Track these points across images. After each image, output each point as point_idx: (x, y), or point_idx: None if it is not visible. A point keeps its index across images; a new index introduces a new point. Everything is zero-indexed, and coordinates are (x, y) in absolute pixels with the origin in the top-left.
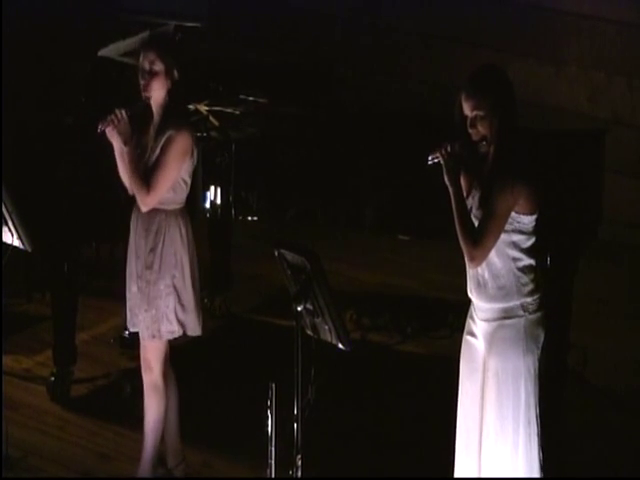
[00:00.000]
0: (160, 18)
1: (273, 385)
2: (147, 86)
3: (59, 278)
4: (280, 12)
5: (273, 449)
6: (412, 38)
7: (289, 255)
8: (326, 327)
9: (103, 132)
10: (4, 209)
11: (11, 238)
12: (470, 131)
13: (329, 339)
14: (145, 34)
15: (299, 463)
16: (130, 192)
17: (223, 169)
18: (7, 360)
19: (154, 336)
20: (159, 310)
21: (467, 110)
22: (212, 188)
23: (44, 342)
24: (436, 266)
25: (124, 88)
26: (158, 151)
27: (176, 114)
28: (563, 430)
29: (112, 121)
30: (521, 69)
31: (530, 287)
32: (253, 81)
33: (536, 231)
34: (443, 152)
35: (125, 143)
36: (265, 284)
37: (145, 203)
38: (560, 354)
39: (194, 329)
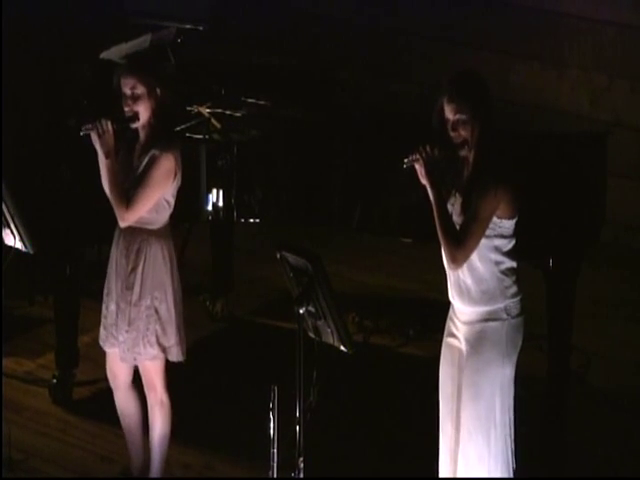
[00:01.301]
0: (162, 20)
1: (275, 387)
2: (134, 114)
3: (61, 281)
4: (282, 14)
5: (275, 451)
6: (414, 40)
7: (291, 257)
8: (328, 329)
9: (87, 135)
10: (6, 211)
11: (13, 240)
12: (452, 134)
13: (331, 341)
14: (147, 36)
15: (301, 465)
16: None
17: (225, 171)
18: (9, 362)
19: (135, 359)
20: (139, 332)
21: (449, 113)
22: (214, 190)
23: (46, 345)
24: (438, 268)
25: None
26: (141, 170)
27: (162, 134)
28: (565, 432)
29: (96, 129)
30: (523, 72)
31: (513, 289)
32: (255, 83)
33: (516, 234)
34: (423, 154)
35: (107, 155)
36: (267, 286)
37: (123, 219)
38: (562, 356)
39: (177, 355)
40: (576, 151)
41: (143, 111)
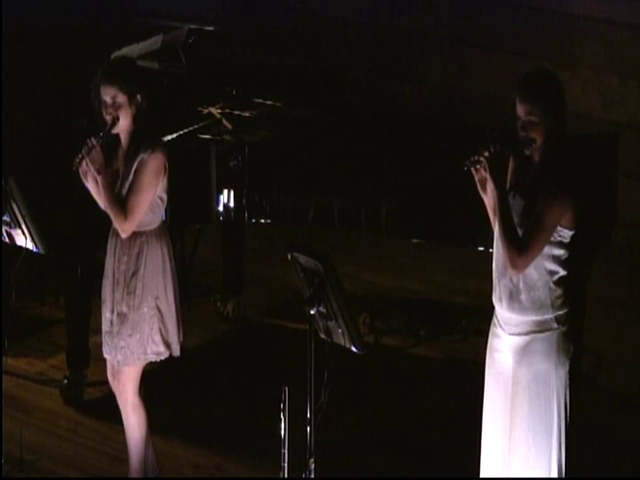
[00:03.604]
0: (174, 21)
1: (286, 388)
2: (114, 120)
3: (73, 281)
4: (293, 15)
5: (286, 452)
6: (427, 42)
7: (302, 258)
8: (339, 330)
9: (77, 169)
10: (17, 211)
11: (25, 241)
12: (521, 133)
13: (342, 342)
14: (158, 37)
15: (312, 466)
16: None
17: (236, 172)
18: (21, 363)
19: (139, 359)
20: (144, 333)
21: (520, 112)
22: (225, 191)
23: (58, 345)
24: (449, 270)
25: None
26: (132, 176)
27: (145, 137)
28: (575, 434)
29: (86, 153)
30: None
31: (562, 299)
32: (266, 84)
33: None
34: (487, 154)
35: (99, 172)
36: (278, 287)
37: (124, 229)
38: (573, 358)
39: (176, 350)
40: (588, 152)
41: (124, 117)
